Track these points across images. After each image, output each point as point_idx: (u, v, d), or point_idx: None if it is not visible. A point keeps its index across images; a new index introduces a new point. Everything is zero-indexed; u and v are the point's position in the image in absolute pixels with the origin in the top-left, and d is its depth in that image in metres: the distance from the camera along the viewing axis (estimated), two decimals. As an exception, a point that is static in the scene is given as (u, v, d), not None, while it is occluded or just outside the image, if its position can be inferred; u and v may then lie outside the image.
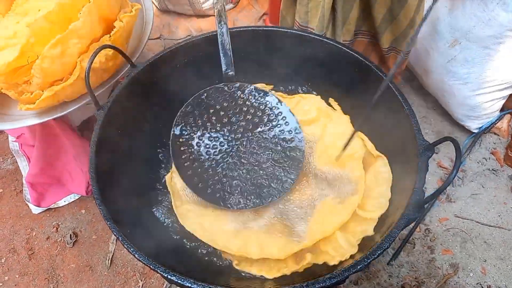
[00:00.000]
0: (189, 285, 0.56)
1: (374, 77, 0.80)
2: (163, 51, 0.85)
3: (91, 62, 0.70)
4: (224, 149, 0.88)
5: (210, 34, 0.90)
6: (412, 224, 1.25)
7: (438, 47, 1.36)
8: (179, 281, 0.56)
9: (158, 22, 1.85)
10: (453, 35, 1.31)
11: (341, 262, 0.69)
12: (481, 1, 1.23)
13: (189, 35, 1.82)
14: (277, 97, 0.91)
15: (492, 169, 1.36)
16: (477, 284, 1.14)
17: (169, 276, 0.57)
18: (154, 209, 0.85)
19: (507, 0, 1.17)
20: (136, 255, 0.59)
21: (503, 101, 1.39)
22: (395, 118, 0.75)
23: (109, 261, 1.26)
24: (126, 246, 0.60)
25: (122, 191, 0.65)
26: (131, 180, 0.78)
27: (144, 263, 0.58)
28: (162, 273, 0.57)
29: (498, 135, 1.44)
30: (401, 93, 0.75)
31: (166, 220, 0.84)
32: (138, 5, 1.02)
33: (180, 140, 0.86)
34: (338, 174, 0.87)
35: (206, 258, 0.78)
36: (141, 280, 1.22)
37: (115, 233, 0.60)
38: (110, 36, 0.90)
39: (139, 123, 0.88)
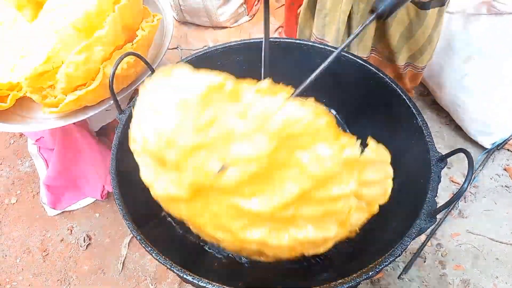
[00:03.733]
0: (204, 285, 0.57)
1: (390, 92, 0.82)
2: (181, 60, 0.88)
3: (115, 69, 0.72)
4: None
5: (225, 46, 0.93)
6: (424, 238, 1.25)
7: (452, 63, 1.38)
8: (195, 281, 0.57)
9: (176, 33, 1.89)
10: (467, 51, 1.33)
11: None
12: (495, 17, 1.25)
13: (205, 46, 1.86)
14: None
15: (505, 186, 1.36)
16: (488, 300, 1.14)
17: (184, 276, 0.58)
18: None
19: (521, 18, 1.19)
20: (153, 254, 0.60)
21: (516, 116, 1.39)
22: (408, 129, 0.76)
23: (121, 265, 1.28)
24: (143, 245, 0.61)
25: (140, 192, 0.67)
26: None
27: (160, 262, 0.60)
28: (178, 272, 0.59)
29: (511, 151, 1.43)
30: (414, 105, 0.76)
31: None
32: (159, 15, 1.05)
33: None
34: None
35: (224, 261, 0.79)
36: (152, 285, 1.23)
37: (133, 233, 0.62)
38: (132, 44, 0.93)
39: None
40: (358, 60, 0.87)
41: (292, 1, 1.61)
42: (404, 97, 0.78)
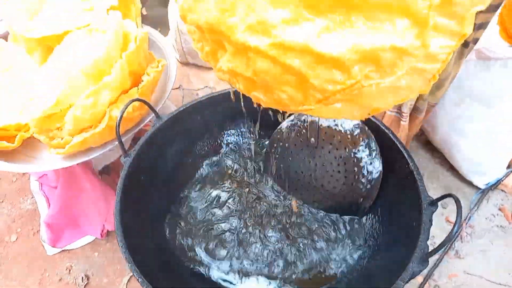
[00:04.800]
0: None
1: (382, 135, 0.85)
2: (185, 105, 0.93)
3: (123, 113, 0.77)
4: None
5: (227, 91, 0.98)
6: (421, 280, 1.25)
7: (443, 104, 1.43)
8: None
9: (179, 73, 1.96)
10: (458, 93, 1.38)
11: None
12: (484, 63, 1.31)
13: (206, 86, 1.92)
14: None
15: (500, 226, 1.38)
16: None
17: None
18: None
19: (508, 64, 1.25)
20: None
21: (509, 158, 1.42)
22: (400, 173, 0.80)
23: (119, 305, 1.28)
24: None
25: (143, 233, 0.70)
26: (153, 226, 0.82)
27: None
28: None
29: (505, 192, 1.46)
30: (405, 149, 0.80)
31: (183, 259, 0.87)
32: (164, 61, 1.11)
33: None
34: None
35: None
36: (149, 325, 1.22)
37: (136, 275, 0.64)
38: (138, 89, 0.98)
39: (162, 169, 0.94)
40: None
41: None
42: (395, 141, 0.82)
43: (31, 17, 1.22)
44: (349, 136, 0.85)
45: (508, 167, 1.46)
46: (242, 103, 0.71)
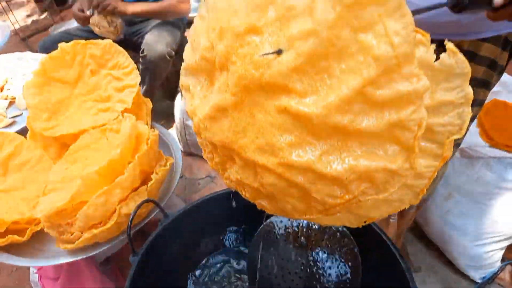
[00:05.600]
0: None
1: (373, 234, 0.90)
2: (191, 204, 0.99)
3: (134, 214, 0.82)
4: None
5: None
6: None
7: (434, 199, 1.50)
8: None
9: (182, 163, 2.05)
10: (446, 189, 1.46)
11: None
12: (468, 161, 1.40)
13: (208, 175, 2.01)
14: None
15: (500, 322, 1.37)
16: None
17: None
18: None
19: (490, 162, 1.34)
20: None
21: (502, 252, 1.46)
22: (391, 273, 0.84)
23: None
24: None
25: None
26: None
27: None
28: None
29: (502, 286, 1.47)
30: (396, 249, 0.85)
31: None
32: (171, 159, 1.20)
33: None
34: None
35: None
36: None
37: None
38: (147, 187, 1.05)
39: (168, 266, 0.98)
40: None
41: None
42: (387, 241, 0.87)
43: (50, 117, 1.33)
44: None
45: (502, 260, 1.48)
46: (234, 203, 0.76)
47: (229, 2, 0.51)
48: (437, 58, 0.45)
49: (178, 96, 2.02)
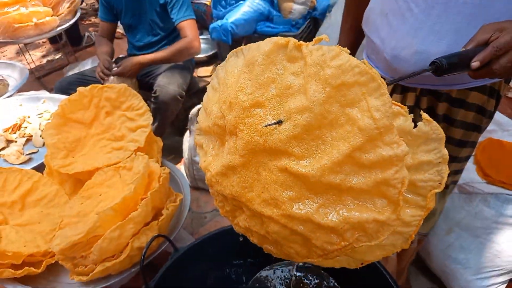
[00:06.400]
0: None
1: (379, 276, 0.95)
2: (200, 238, 1.05)
3: (147, 249, 0.88)
4: None
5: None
6: None
7: (436, 233, 1.54)
8: None
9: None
10: (447, 223, 1.50)
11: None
12: (467, 196, 1.45)
13: (214, 209, 2.06)
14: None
15: None
16: None
17: None
18: None
19: (487, 198, 1.39)
20: None
21: (504, 286, 1.48)
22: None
23: None
24: None
25: None
26: None
27: None
28: None
29: (505, 320, 1.48)
30: (396, 284, 0.89)
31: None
32: (181, 195, 1.26)
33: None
34: None
35: None
36: None
37: None
38: (158, 222, 1.11)
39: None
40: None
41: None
42: (390, 281, 0.91)
43: (67, 155, 1.41)
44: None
45: (505, 294, 1.50)
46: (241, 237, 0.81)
47: (237, 80, 0.61)
48: (415, 125, 0.54)
49: (187, 134, 2.10)
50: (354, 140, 0.49)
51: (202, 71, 3.03)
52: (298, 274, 0.98)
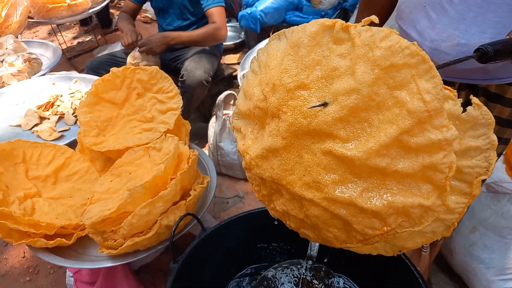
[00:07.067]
0: None
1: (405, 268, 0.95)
2: (228, 219, 1.07)
3: (177, 226, 0.91)
4: None
5: (264, 209, 1.12)
6: None
7: (459, 230, 1.52)
8: None
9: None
10: (472, 221, 1.49)
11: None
12: (494, 196, 1.43)
13: (236, 195, 2.09)
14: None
15: None
16: None
17: None
18: None
19: (515, 200, 1.37)
20: None
21: (527, 288, 1.46)
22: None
23: None
24: None
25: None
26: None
27: None
28: None
29: (526, 323, 1.46)
30: (421, 276, 0.90)
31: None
32: (208, 178, 1.29)
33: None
34: None
35: None
36: None
37: None
38: (186, 202, 1.14)
39: (204, 274, 1.06)
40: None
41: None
42: (416, 274, 0.91)
43: (98, 134, 1.45)
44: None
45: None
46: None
47: (280, 62, 0.60)
48: (464, 110, 0.53)
49: (212, 119, 2.13)
50: (402, 123, 0.48)
51: (229, 59, 3.05)
52: (308, 274, 0.97)
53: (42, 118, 1.78)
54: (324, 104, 0.53)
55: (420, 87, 0.47)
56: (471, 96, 0.54)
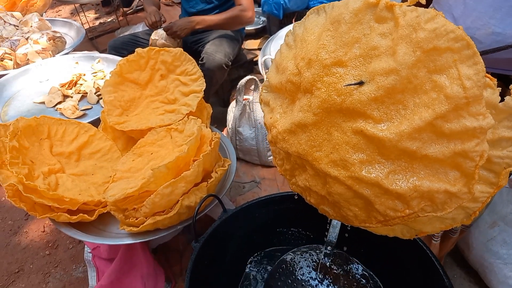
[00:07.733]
0: None
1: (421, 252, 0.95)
2: (248, 202, 1.08)
3: (200, 206, 0.92)
4: None
5: (286, 194, 1.12)
6: None
7: (478, 225, 1.51)
8: None
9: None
10: (492, 217, 1.47)
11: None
12: (516, 192, 1.41)
13: (253, 180, 2.10)
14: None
15: None
16: None
17: None
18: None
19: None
20: None
21: (545, 286, 1.44)
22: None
23: None
24: None
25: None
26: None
27: None
28: None
29: (542, 320, 1.45)
30: (441, 266, 0.89)
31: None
32: (229, 161, 1.30)
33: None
34: None
35: None
36: None
37: None
38: (207, 184, 1.15)
39: (224, 255, 1.08)
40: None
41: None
42: (433, 259, 0.91)
43: (121, 113, 1.47)
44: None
45: (544, 294, 1.47)
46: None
47: (318, 37, 0.59)
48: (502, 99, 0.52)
49: (232, 103, 2.13)
50: (438, 108, 0.48)
51: (249, 44, 3.03)
52: (326, 259, 0.98)
53: (65, 96, 1.81)
54: (360, 83, 0.52)
55: (461, 72, 0.47)
56: (511, 86, 0.53)
